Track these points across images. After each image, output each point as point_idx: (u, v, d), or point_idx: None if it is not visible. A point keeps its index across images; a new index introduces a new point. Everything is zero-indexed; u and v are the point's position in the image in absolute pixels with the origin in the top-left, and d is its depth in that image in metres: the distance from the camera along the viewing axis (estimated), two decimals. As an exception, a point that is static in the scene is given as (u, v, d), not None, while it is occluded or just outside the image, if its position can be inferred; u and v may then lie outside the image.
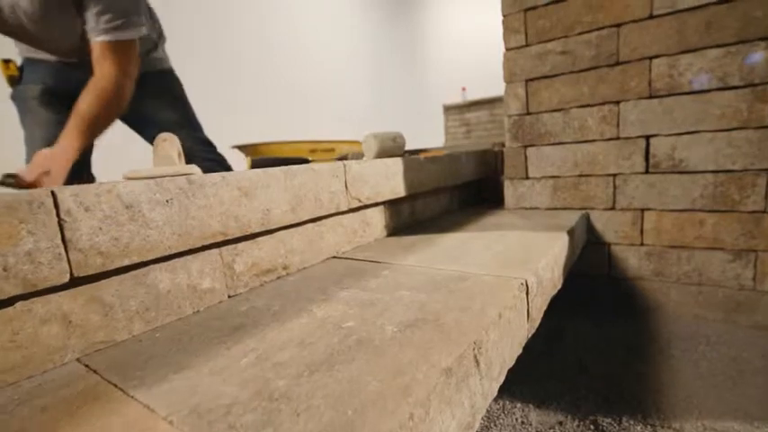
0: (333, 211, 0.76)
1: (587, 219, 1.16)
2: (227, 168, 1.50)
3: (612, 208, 1.13)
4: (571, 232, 0.94)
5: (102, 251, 0.43)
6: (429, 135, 5.84)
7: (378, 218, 0.94)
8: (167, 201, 0.49)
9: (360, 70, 5.51)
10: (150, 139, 1.37)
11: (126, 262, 0.46)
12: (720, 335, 0.99)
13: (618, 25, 1.05)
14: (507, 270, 0.65)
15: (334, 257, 0.81)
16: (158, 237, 0.48)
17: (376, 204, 0.90)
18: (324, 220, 0.77)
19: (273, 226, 0.64)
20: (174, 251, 0.50)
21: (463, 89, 5.87)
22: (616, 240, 1.13)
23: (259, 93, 4.12)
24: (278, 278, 0.69)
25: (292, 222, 0.67)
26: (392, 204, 0.97)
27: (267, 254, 0.66)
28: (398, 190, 0.95)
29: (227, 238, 0.57)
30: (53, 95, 1.19)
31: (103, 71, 0.99)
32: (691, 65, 0.98)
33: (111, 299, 0.48)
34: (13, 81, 1.17)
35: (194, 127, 1.42)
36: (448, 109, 5.62)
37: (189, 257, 0.55)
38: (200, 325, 0.52)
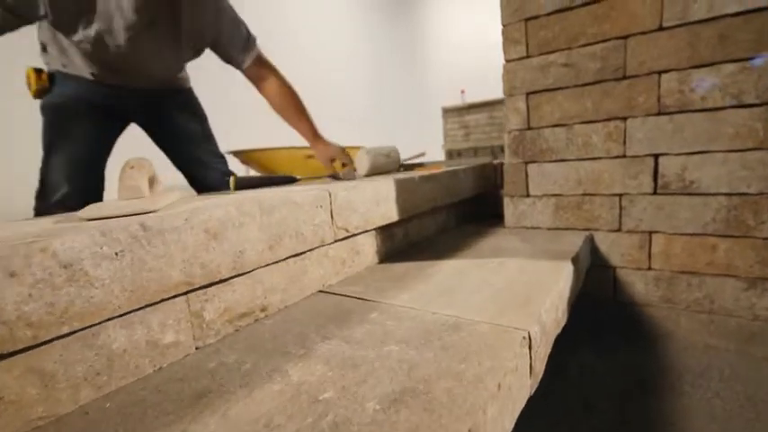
0: (317, 245, 0.69)
1: (591, 240, 1.09)
2: None
3: (618, 230, 1.06)
4: (575, 260, 0.88)
5: (33, 321, 0.37)
6: (428, 138, 5.79)
7: (368, 244, 0.88)
8: (117, 253, 0.43)
9: (359, 71, 5.44)
10: (176, 154, 1.38)
11: (64, 330, 0.39)
12: (734, 368, 0.93)
13: (625, 37, 0.99)
14: (507, 314, 0.59)
15: (321, 291, 0.75)
16: (105, 297, 0.42)
17: (366, 231, 0.84)
18: (308, 253, 0.71)
19: (247, 269, 0.57)
20: (125, 310, 0.44)
21: (462, 92, 5.81)
22: (622, 264, 1.07)
23: (256, 94, 4.05)
24: (255, 321, 0.63)
25: (270, 261, 0.61)
26: (384, 229, 0.91)
27: (242, 296, 0.60)
28: (391, 215, 0.88)
29: (191, 288, 0.51)
30: (96, 110, 1.18)
31: (274, 78, 1.28)
32: (703, 80, 0.91)
33: (53, 366, 0.41)
34: (44, 92, 1.15)
35: (214, 142, 1.46)
36: (447, 111, 5.56)
37: (149, 309, 0.49)
38: (159, 390, 0.46)
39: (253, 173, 2.79)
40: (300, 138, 1.37)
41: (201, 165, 1.37)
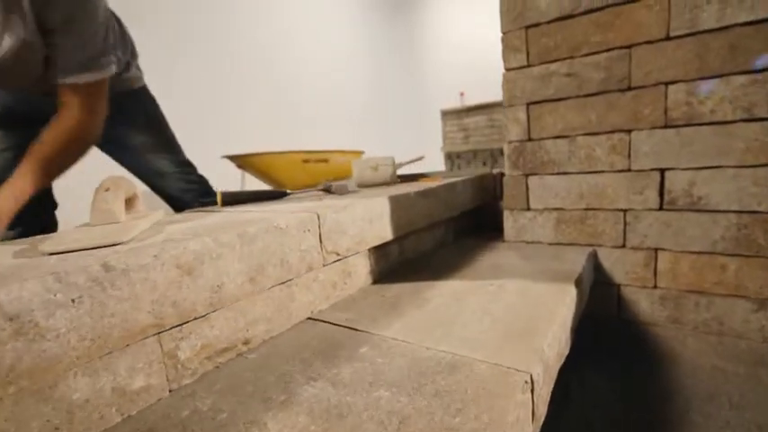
0: (305, 271, 0.65)
1: (594, 257, 1.05)
2: (209, 190, 1.39)
3: (623, 246, 1.02)
4: (579, 281, 0.84)
5: (-29, 384, 0.33)
6: (427, 140, 5.75)
7: (361, 265, 0.84)
8: (74, 300, 0.38)
9: (358, 71, 5.40)
10: (129, 166, 1.27)
11: (11, 390, 0.35)
12: (744, 393, 0.89)
13: (630, 46, 0.94)
14: (507, 350, 0.54)
15: (310, 318, 0.71)
16: (60, 349, 0.38)
17: (358, 253, 0.79)
18: (295, 280, 0.66)
19: (226, 303, 0.53)
20: (85, 360, 0.40)
21: (461, 94, 5.77)
22: (626, 281, 1.03)
23: (252, 96, 4.00)
24: (238, 355, 0.59)
25: (252, 293, 0.56)
26: (378, 249, 0.86)
27: (222, 331, 0.56)
28: (385, 234, 0.84)
29: (161, 330, 0.47)
30: (13, 119, 1.08)
31: (70, 112, 0.90)
32: (712, 92, 0.87)
33: (3, 425, 0.37)
34: None
35: (172, 149, 1.32)
36: (446, 114, 5.52)
37: (115, 354, 0.44)
38: (124, 446, 0.42)
39: (247, 178, 2.75)
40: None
41: (159, 175, 1.27)
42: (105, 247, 0.49)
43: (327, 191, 1.07)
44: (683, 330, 0.98)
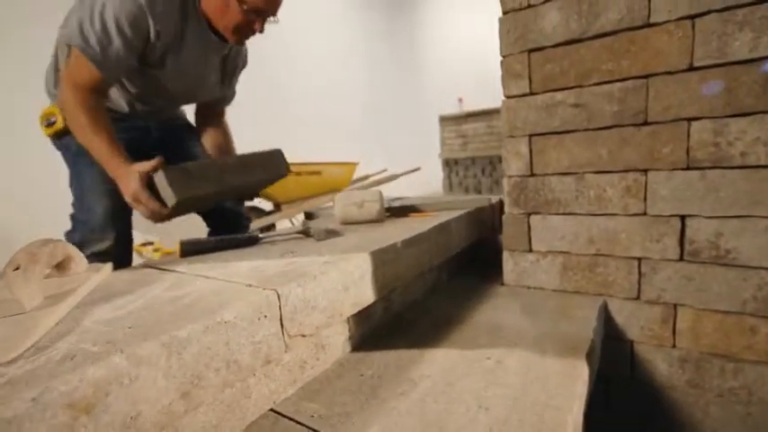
0: (261, 364, 0.53)
1: (605, 308, 0.94)
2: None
3: (637, 298, 0.91)
4: (591, 353, 0.72)
5: None
6: (425, 146, 5.63)
7: (337, 334, 0.72)
8: None
9: (358, 72, 5.27)
10: None
11: None
12: (778, 476, 0.77)
13: (647, 76, 0.83)
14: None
15: (272, 411, 0.59)
16: None
17: (332, 326, 0.67)
18: (249, 378, 0.55)
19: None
20: None
21: (460, 100, 5.65)
22: (641, 339, 0.92)
23: (243, 101, 3.88)
24: (172, 481, 0.47)
25: (185, 411, 0.45)
26: (358, 313, 0.75)
27: (147, 460, 0.44)
28: (366, 297, 0.72)
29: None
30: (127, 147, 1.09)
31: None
32: (744, 133, 0.76)
33: None
34: (63, 133, 1.08)
35: None
36: (444, 120, 5.40)
37: None
38: None
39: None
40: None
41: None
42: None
43: (306, 234, 0.95)
44: (705, 397, 0.87)
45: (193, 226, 1.36)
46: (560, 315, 0.88)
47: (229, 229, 1.30)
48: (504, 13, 0.97)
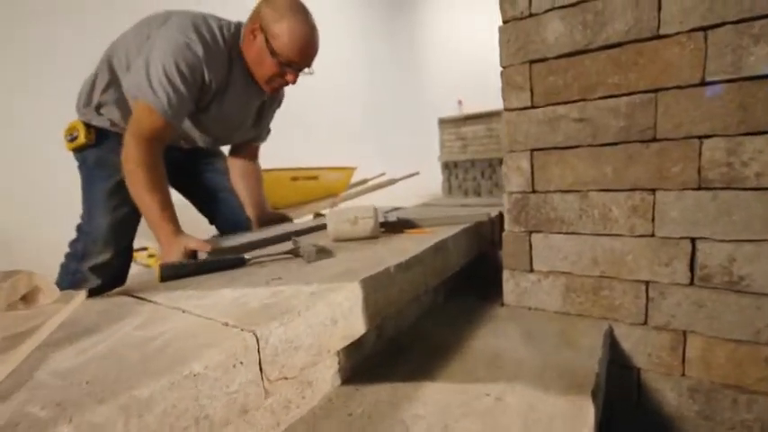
0: (236, 416, 0.48)
1: (610, 333, 0.89)
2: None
3: (644, 323, 0.86)
4: (597, 389, 0.67)
5: None
6: (424, 149, 5.58)
7: (326, 367, 0.68)
8: None
9: (357, 74, 5.23)
10: (202, 203, 1.46)
11: None
12: None
13: (656, 91, 0.78)
14: None
15: (251, 459, 0.54)
16: None
17: (318, 364, 0.63)
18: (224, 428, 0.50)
19: None
20: None
21: (459, 102, 5.60)
22: (648, 366, 0.87)
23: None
24: None
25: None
26: (348, 346, 0.70)
27: None
28: (356, 329, 0.68)
29: None
30: None
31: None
32: (760, 152, 0.71)
33: None
34: (86, 146, 1.15)
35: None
36: (443, 122, 5.34)
37: None
38: None
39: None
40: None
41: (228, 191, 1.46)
42: None
43: (296, 254, 0.90)
44: (716, 430, 0.82)
45: (198, 229, 1.32)
46: (563, 341, 0.83)
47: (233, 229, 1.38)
48: (505, 22, 0.92)
